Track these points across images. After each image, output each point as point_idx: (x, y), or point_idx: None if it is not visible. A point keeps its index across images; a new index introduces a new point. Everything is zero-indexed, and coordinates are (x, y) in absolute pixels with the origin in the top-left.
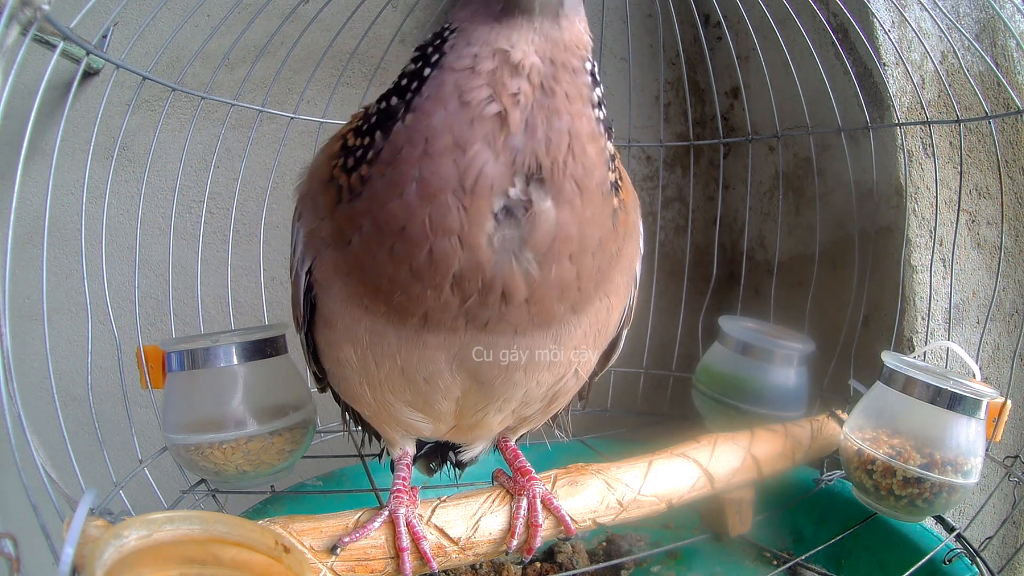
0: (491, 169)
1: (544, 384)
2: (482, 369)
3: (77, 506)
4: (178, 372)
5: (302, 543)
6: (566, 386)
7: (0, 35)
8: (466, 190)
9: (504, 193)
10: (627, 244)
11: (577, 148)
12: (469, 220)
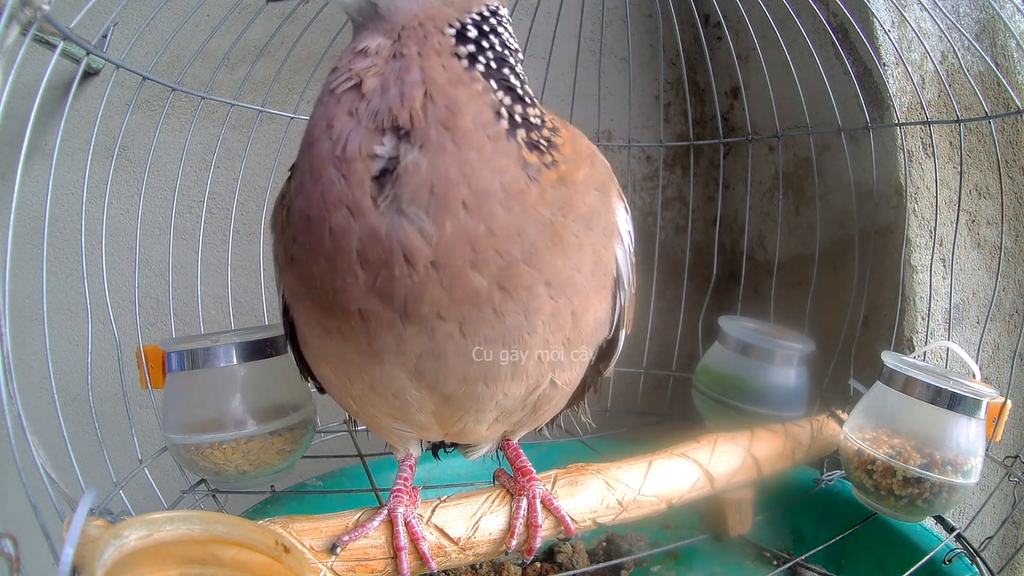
0: (356, 134)
1: (514, 396)
2: (441, 382)
3: (77, 506)
4: (178, 372)
5: (302, 543)
6: (546, 395)
7: (0, 35)
8: (341, 159)
9: (373, 154)
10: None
11: (436, 93)
12: (350, 186)
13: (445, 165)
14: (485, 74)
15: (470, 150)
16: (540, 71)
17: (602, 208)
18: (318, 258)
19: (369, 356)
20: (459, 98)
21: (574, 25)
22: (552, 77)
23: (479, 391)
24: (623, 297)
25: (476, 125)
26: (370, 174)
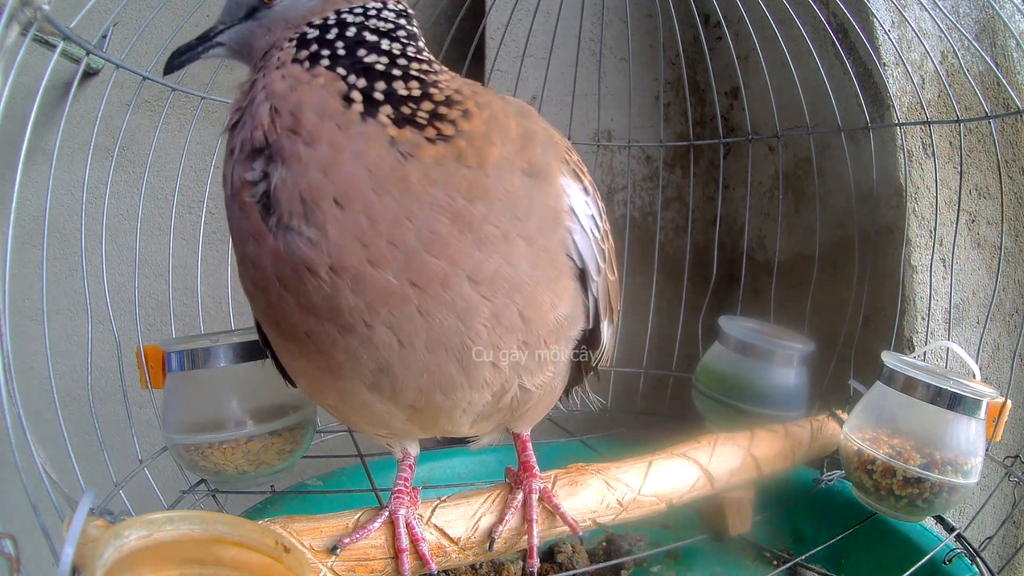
0: (236, 167)
1: (480, 402)
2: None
3: (77, 506)
4: (178, 372)
5: (302, 543)
6: (520, 399)
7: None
8: (233, 196)
9: (247, 181)
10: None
11: (279, 103)
12: (246, 218)
13: (305, 171)
14: (330, 65)
15: (320, 145)
16: (540, 71)
17: (536, 193)
18: (255, 288)
19: (328, 373)
20: (299, 98)
21: (574, 25)
22: (552, 77)
23: (438, 400)
24: (595, 287)
25: (321, 118)
26: (254, 199)
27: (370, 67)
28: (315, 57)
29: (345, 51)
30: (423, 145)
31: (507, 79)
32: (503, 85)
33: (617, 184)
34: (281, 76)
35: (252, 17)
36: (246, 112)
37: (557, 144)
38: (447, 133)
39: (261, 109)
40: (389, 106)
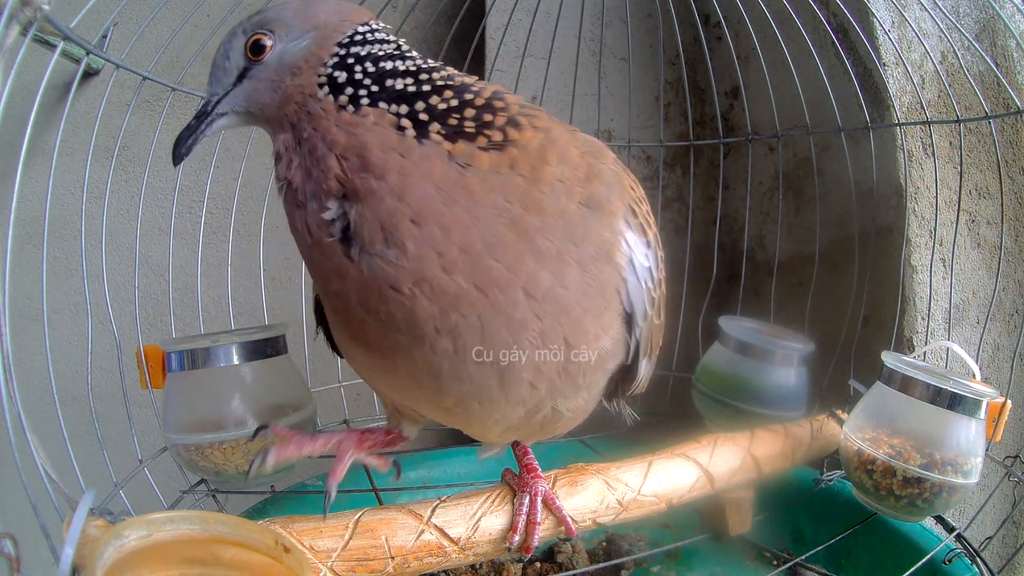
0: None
1: (512, 417)
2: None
3: (77, 506)
4: (178, 372)
5: (302, 543)
6: (550, 418)
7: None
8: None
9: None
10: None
11: (344, 152)
12: (327, 258)
13: (381, 201)
14: (372, 102)
15: (391, 175)
16: (540, 71)
17: (593, 224)
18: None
19: (384, 370)
20: (359, 140)
21: (574, 25)
22: (552, 77)
23: (475, 409)
24: (639, 332)
25: (384, 150)
26: (336, 239)
27: (403, 92)
28: (355, 99)
29: (376, 85)
30: (477, 154)
31: (507, 79)
32: (503, 85)
33: None
34: (335, 127)
35: (246, 78)
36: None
37: (625, 187)
38: (496, 139)
39: (328, 162)
40: (436, 123)
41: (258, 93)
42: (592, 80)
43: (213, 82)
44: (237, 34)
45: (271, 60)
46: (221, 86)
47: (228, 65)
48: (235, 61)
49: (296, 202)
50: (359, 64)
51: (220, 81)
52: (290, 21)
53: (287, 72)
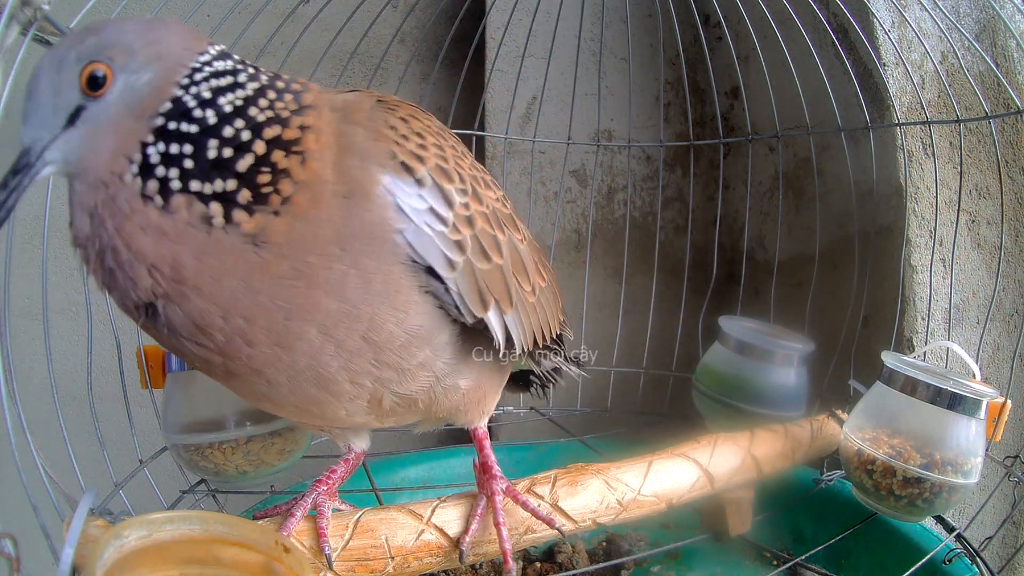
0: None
1: (356, 409)
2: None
3: (77, 506)
4: (178, 372)
5: (302, 543)
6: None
7: (0, 35)
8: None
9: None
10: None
11: (153, 260)
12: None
13: (193, 305)
14: (184, 182)
15: (204, 281)
16: (540, 71)
17: (354, 215)
18: None
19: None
20: (173, 252)
21: (574, 25)
22: (552, 77)
23: (317, 411)
24: (452, 284)
25: (198, 257)
26: (140, 319)
27: (217, 160)
28: (165, 185)
29: (192, 155)
30: (271, 225)
31: (507, 79)
32: (503, 85)
33: (617, 184)
34: (140, 229)
35: (79, 119)
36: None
37: (383, 135)
38: (287, 194)
39: (137, 271)
40: (245, 190)
41: (93, 143)
42: (592, 80)
43: (33, 123)
44: (67, 60)
45: (112, 99)
46: (46, 128)
47: (56, 102)
48: (66, 96)
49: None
50: (182, 122)
51: (44, 122)
52: (133, 46)
53: (129, 116)
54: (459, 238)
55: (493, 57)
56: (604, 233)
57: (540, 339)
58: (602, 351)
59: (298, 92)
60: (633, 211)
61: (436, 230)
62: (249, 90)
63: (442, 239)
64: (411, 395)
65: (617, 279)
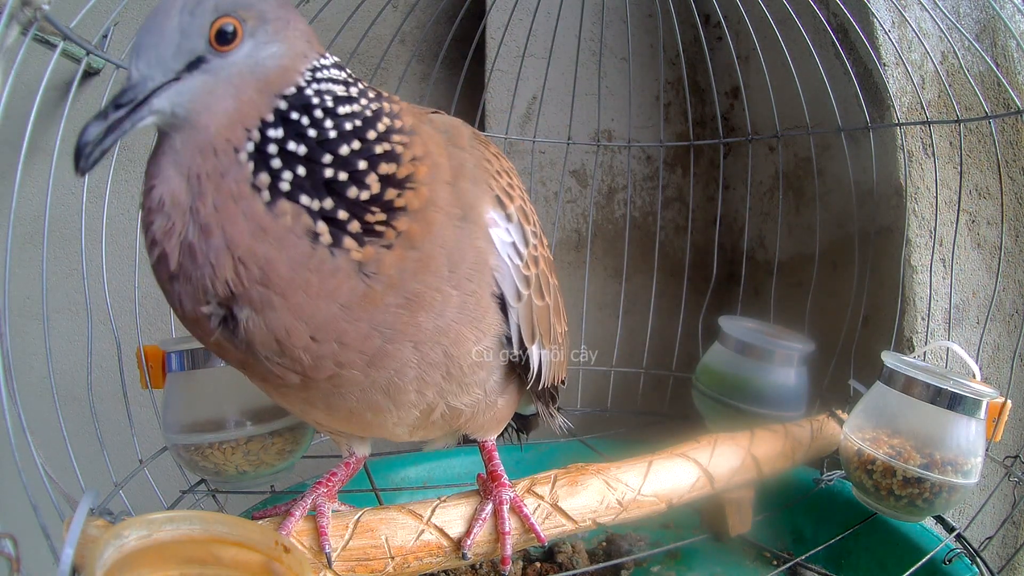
0: (185, 299)
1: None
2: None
3: (77, 506)
4: (178, 372)
5: (302, 543)
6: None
7: (0, 35)
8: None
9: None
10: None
11: (243, 254)
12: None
13: (279, 318)
14: (293, 190)
15: (296, 294)
16: (540, 71)
17: (466, 238)
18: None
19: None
20: (267, 253)
21: (574, 25)
22: (552, 77)
23: (369, 418)
24: (514, 315)
25: (294, 268)
26: (214, 327)
27: (331, 181)
28: (275, 182)
29: (307, 163)
30: (384, 258)
31: (507, 79)
32: (503, 85)
33: (617, 184)
34: (242, 216)
35: (199, 69)
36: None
37: (485, 167)
38: (402, 229)
39: (222, 260)
40: (356, 221)
41: (213, 98)
42: (592, 80)
43: (146, 58)
44: (203, 6)
45: (239, 59)
46: (160, 68)
47: (180, 44)
48: (192, 42)
49: (163, 268)
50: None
51: (161, 61)
52: (266, 15)
53: (252, 84)
54: (528, 274)
55: (493, 57)
56: (604, 233)
57: (555, 379)
58: (602, 351)
59: (397, 113)
60: (633, 211)
61: (514, 263)
62: (364, 109)
63: (516, 272)
64: (460, 408)
65: (617, 279)
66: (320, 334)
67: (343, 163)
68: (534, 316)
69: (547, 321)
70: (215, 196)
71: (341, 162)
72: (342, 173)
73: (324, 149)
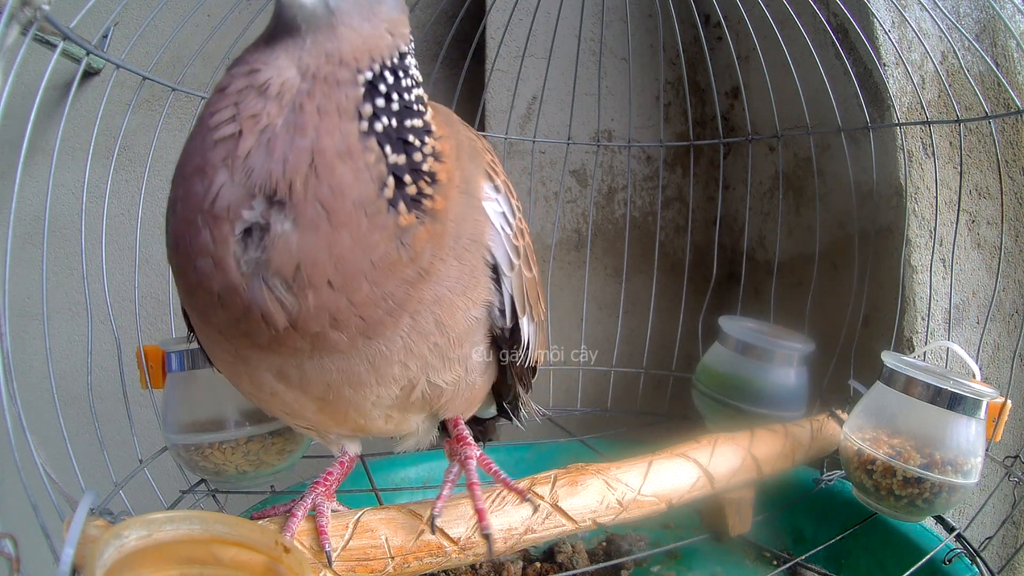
0: (227, 191)
1: (388, 397)
2: (306, 387)
3: (77, 506)
4: (178, 372)
5: (302, 543)
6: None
7: (0, 35)
8: (208, 211)
9: (241, 216)
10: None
11: (322, 166)
12: (215, 242)
13: (316, 245)
14: (383, 135)
15: (344, 231)
16: (540, 71)
17: (468, 211)
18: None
19: (237, 359)
20: (345, 176)
21: (574, 25)
22: (552, 77)
23: (347, 395)
24: (508, 284)
25: (356, 205)
26: (235, 235)
27: (407, 141)
28: (375, 118)
29: (396, 118)
30: (418, 232)
31: (507, 79)
32: (503, 85)
33: (617, 184)
34: (338, 132)
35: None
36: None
37: (476, 147)
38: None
39: (300, 160)
40: (414, 186)
41: (362, 15)
42: (592, 80)
43: None
44: None
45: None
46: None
47: None
48: None
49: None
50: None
51: None
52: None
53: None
54: (518, 244)
55: (493, 57)
56: (604, 233)
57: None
58: (602, 351)
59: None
60: (633, 211)
61: (505, 232)
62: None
63: (508, 241)
64: (440, 387)
65: (617, 279)
66: (339, 280)
67: (415, 132)
68: (524, 287)
69: (535, 293)
70: (322, 100)
71: (414, 131)
72: (413, 138)
73: (408, 113)
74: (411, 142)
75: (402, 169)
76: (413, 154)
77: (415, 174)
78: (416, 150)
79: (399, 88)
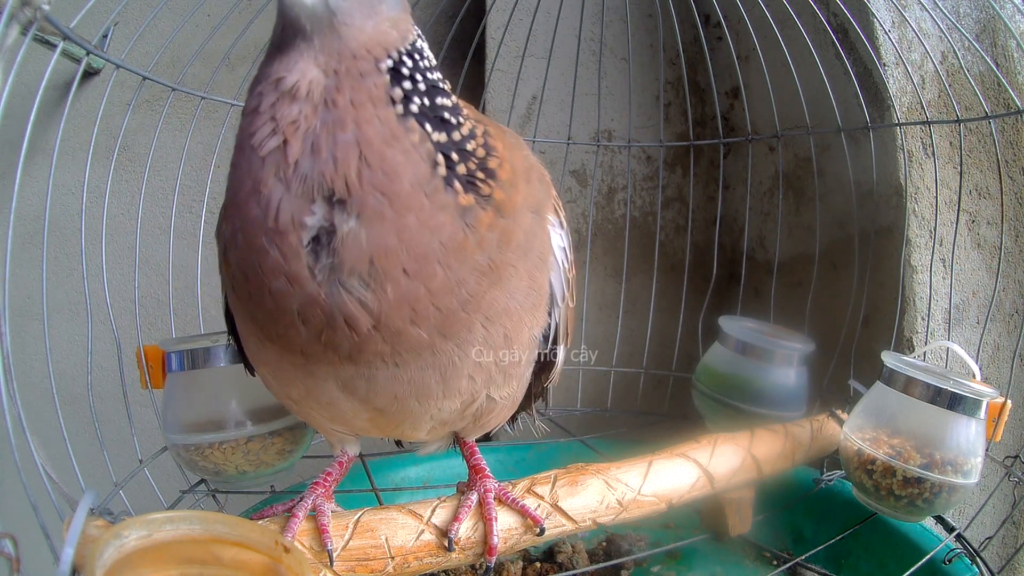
0: (286, 202)
1: (448, 410)
2: (372, 398)
3: (77, 506)
4: (178, 372)
5: (302, 543)
6: (484, 408)
7: (0, 35)
8: (273, 228)
9: (305, 224)
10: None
11: (371, 155)
12: (285, 258)
13: (384, 234)
14: (420, 115)
15: (409, 214)
16: (540, 71)
17: (538, 230)
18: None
19: (303, 370)
20: (396, 159)
21: (574, 25)
22: (552, 77)
23: (412, 407)
24: (557, 314)
25: (414, 186)
26: (303, 244)
27: (446, 120)
28: (408, 100)
29: (428, 98)
30: (480, 214)
31: (507, 79)
32: (503, 85)
33: (617, 184)
34: (377, 119)
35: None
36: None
37: (545, 178)
38: (493, 191)
39: (349, 154)
40: (462, 164)
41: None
42: (592, 80)
43: None
44: None
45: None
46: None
47: None
48: None
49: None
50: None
51: None
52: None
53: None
54: (569, 277)
55: (493, 57)
56: (604, 233)
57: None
58: (602, 351)
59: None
60: (633, 211)
61: (563, 267)
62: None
63: (563, 274)
64: (496, 401)
65: (617, 279)
66: (412, 266)
67: (449, 111)
68: (567, 317)
69: (572, 323)
70: (352, 92)
71: (447, 109)
72: (449, 116)
73: (437, 92)
74: (448, 120)
75: (447, 147)
76: (452, 132)
77: (462, 154)
78: (455, 128)
79: (420, 69)
